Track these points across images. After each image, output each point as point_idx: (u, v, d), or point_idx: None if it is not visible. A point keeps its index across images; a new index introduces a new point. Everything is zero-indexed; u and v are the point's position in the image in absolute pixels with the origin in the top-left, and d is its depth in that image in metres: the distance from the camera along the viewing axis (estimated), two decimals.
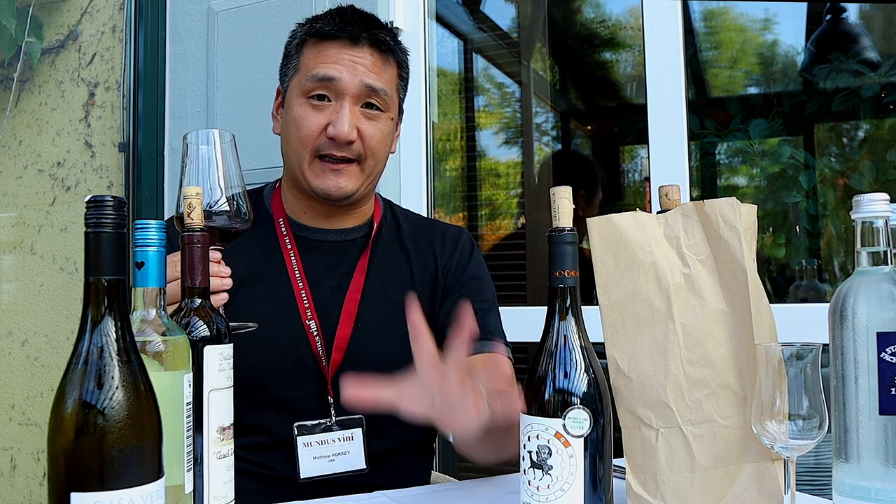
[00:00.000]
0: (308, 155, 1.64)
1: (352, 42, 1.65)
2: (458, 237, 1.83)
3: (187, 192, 1.20)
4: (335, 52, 1.65)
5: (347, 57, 1.64)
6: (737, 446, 1.16)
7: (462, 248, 1.81)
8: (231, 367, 1.16)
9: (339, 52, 1.65)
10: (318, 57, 1.66)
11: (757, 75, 3.80)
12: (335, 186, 1.64)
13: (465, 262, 1.80)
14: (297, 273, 1.68)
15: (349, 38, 1.65)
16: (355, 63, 1.64)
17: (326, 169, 1.64)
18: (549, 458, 1.07)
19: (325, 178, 1.64)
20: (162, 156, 2.97)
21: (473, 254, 1.83)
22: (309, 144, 1.64)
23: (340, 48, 1.65)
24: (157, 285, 1.04)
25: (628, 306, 1.19)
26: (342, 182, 1.65)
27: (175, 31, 3.00)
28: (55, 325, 3.06)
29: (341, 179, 1.65)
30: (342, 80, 1.63)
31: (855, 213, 1.14)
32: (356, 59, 1.64)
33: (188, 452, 1.05)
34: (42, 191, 3.12)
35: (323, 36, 1.67)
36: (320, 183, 1.65)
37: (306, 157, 1.65)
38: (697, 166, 3.57)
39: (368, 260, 1.73)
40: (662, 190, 1.25)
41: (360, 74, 1.64)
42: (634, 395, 1.17)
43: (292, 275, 1.68)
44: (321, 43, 1.67)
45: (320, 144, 1.63)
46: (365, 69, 1.64)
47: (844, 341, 1.11)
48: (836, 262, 3.41)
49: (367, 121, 1.66)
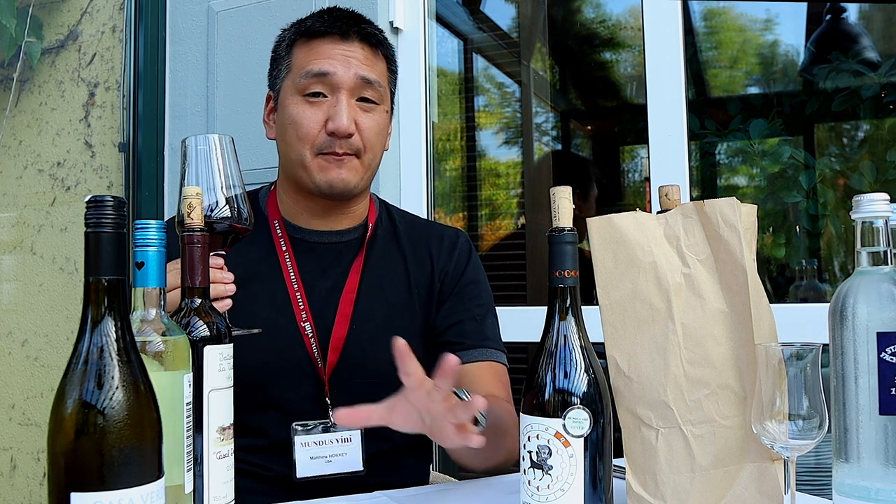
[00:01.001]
0: (309, 153, 1.64)
1: (342, 37, 1.66)
2: (455, 240, 1.83)
3: (187, 192, 1.20)
4: (326, 47, 1.66)
5: (339, 51, 1.65)
6: (737, 446, 1.16)
7: (460, 252, 1.81)
8: (231, 367, 1.17)
9: (331, 47, 1.65)
10: (309, 54, 1.66)
11: (757, 75, 3.80)
12: (338, 178, 1.64)
13: (462, 266, 1.79)
14: (293, 275, 1.68)
15: (339, 33, 1.66)
16: (348, 56, 1.65)
17: (331, 162, 1.64)
18: (549, 458, 1.07)
19: (328, 171, 1.64)
20: (162, 156, 2.97)
21: (471, 257, 1.83)
22: (309, 142, 1.64)
23: (331, 44, 1.66)
24: (157, 285, 1.04)
25: (628, 306, 1.19)
26: (344, 174, 1.65)
27: (175, 31, 3.00)
28: (55, 325, 3.06)
29: (343, 171, 1.64)
30: (337, 74, 1.63)
31: (855, 213, 1.14)
32: (348, 53, 1.65)
33: (188, 452, 1.05)
34: (42, 191, 3.12)
35: (312, 34, 1.68)
36: (324, 176, 1.64)
37: (308, 155, 1.64)
38: (697, 166, 3.57)
39: (364, 261, 1.73)
40: (662, 190, 1.25)
41: (354, 67, 1.64)
42: (634, 395, 1.17)
43: (287, 277, 1.68)
44: (311, 41, 1.67)
45: (321, 142, 1.64)
46: (358, 62, 1.65)
47: (844, 341, 1.11)
48: (836, 262, 3.41)
49: (364, 113, 1.66)
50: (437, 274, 1.77)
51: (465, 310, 1.75)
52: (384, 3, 2.70)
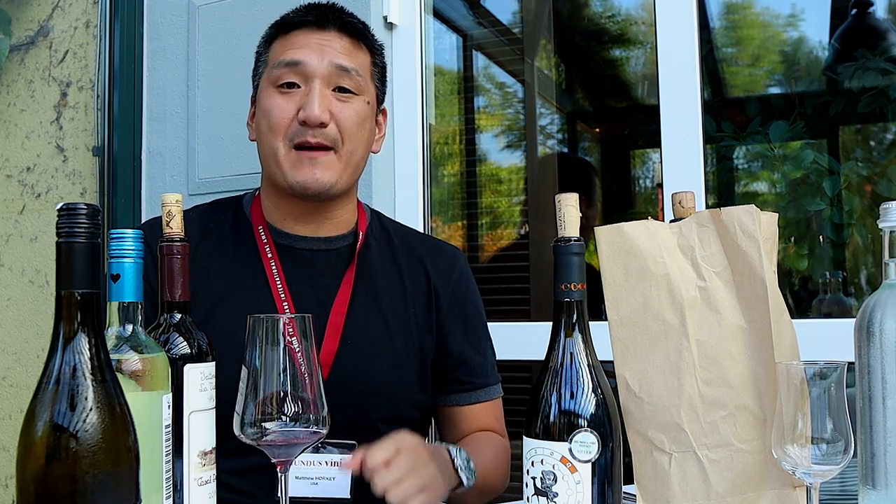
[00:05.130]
0: (282, 145, 1.66)
1: (318, 26, 1.69)
2: (453, 259, 1.87)
3: (166, 199, 1.20)
4: (302, 37, 1.69)
5: (314, 40, 1.68)
6: (756, 472, 1.16)
7: (460, 274, 1.85)
8: (213, 387, 1.17)
9: (306, 37, 1.69)
10: (285, 45, 1.70)
11: (778, 74, 3.81)
12: (312, 178, 1.65)
13: (464, 290, 1.84)
14: (279, 284, 1.69)
15: (315, 22, 1.70)
16: (322, 45, 1.68)
17: (303, 159, 1.65)
18: (553, 485, 1.07)
19: (301, 169, 1.65)
20: (139, 160, 2.97)
21: (471, 280, 1.88)
22: (280, 132, 1.66)
23: (307, 33, 1.69)
24: (133, 299, 1.04)
25: (639, 322, 1.19)
26: (318, 173, 1.66)
27: (153, 26, 3.00)
28: (24, 342, 3.05)
29: (317, 170, 1.66)
30: (310, 63, 1.66)
31: (882, 221, 1.14)
32: (323, 42, 1.68)
33: (167, 479, 1.06)
34: (10, 198, 3.12)
35: (289, 26, 1.72)
36: (296, 175, 1.65)
37: (281, 148, 1.66)
38: (713, 171, 3.58)
39: (356, 272, 1.74)
40: (676, 197, 1.25)
41: (329, 56, 1.67)
42: (646, 416, 1.18)
43: (273, 285, 1.69)
44: (288, 33, 1.72)
45: (293, 132, 1.65)
46: (334, 51, 1.68)
47: (871, 359, 1.11)
48: (863, 274, 3.41)
49: (340, 103, 1.68)
50: (434, 292, 1.80)
51: (470, 344, 1.81)
52: None
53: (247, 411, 1.12)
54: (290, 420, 1.13)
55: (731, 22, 3.85)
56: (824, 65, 3.67)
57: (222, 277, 1.68)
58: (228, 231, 1.75)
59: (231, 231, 1.75)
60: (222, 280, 1.68)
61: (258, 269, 1.71)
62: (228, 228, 1.76)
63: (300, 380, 1.14)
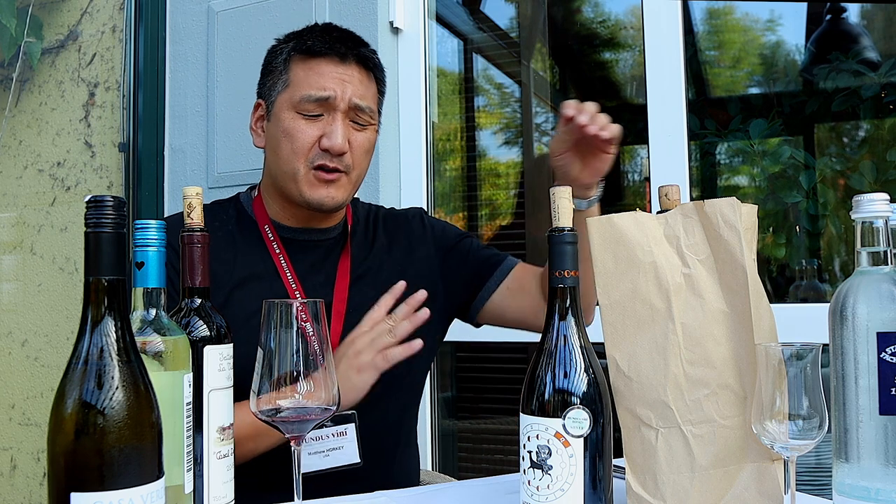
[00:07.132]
0: (303, 166, 1.70)
1: (340, 59, 1.72)
2: (420, 217, 1.96)
3: (187, 191, 1.20)
4: (325, 67, 1.72)
5: (337, 75, 1.71)
6: (737, 446, 1.16)
7: (430, 225, 1.94)
8: (231, 367, 1.17)
9: (330, 69, 1.71)
10: (309, 74, 1.72)
11: (758, 75, 3.80)
12: (328, 197, 1.71)
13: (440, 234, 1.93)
14: (289, 273, 1.74)
15: (338, 55, 1.72)
16: (344, 81, 1.71)
17: (321, 179, 1.70)
18: (548, 458, 1.07)
19: (318, 189, 1.70)
20: (162, 156, 2.97)
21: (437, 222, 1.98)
22: (303, 155, 1.69)
23: (330, 65, 1.72)
24: (156, 285, 1.04)
25: (628, 306, 1.19)
26: (333, 192, 1.71)
27: (175, 30, 3.00)
28: (55, 325, 3.06)
29: (332, 190, 1.71)
30: (335, 98, 1.70)
31: (855, 213, 1.14)
32: (345, 78, 1.72)
33: (188, 452, 1.06)
34: (42, 191, 3.12)
35: (312, 53, 1.73)
36: (314, 194, 1.70)
37: (301, 169, 1.70)
38: (697, 166, 3.57)
39: (350, 252, 1.80)
40: (662, 190, 1.25)
41: (349, 92, 1.71)
42: (634, 394, 1.17)
43: (283, 275, 1.73)
44: (310, 60, 1.73)
45: (314, 156, 1.69)
46: (353, 87, 1.72)
47: (844, 341, 1.11)
48: (837, 262, 3.40)
49: (355, 132, 1.73)
50: (422, 250, 1.88)
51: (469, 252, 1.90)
52: (384, 2, 2.70)
53: (262, 389, 1.13)
54: (302, 398, 1.13)
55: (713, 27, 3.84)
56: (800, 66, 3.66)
57: (238, 271, 1.70)
58: (234, 228, 1.78)
59: (237, 228, 1.78)
60: (238, 273, 1.70)
61: (268, 261, 1.74)
62: (234, 226, 1.78)
63: (312, 360, 1.14)
